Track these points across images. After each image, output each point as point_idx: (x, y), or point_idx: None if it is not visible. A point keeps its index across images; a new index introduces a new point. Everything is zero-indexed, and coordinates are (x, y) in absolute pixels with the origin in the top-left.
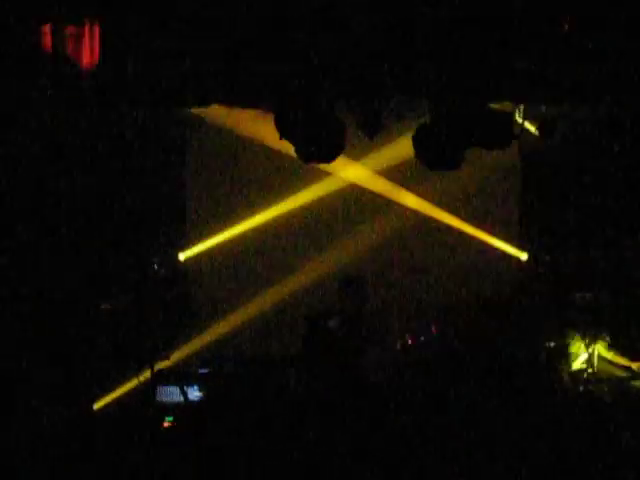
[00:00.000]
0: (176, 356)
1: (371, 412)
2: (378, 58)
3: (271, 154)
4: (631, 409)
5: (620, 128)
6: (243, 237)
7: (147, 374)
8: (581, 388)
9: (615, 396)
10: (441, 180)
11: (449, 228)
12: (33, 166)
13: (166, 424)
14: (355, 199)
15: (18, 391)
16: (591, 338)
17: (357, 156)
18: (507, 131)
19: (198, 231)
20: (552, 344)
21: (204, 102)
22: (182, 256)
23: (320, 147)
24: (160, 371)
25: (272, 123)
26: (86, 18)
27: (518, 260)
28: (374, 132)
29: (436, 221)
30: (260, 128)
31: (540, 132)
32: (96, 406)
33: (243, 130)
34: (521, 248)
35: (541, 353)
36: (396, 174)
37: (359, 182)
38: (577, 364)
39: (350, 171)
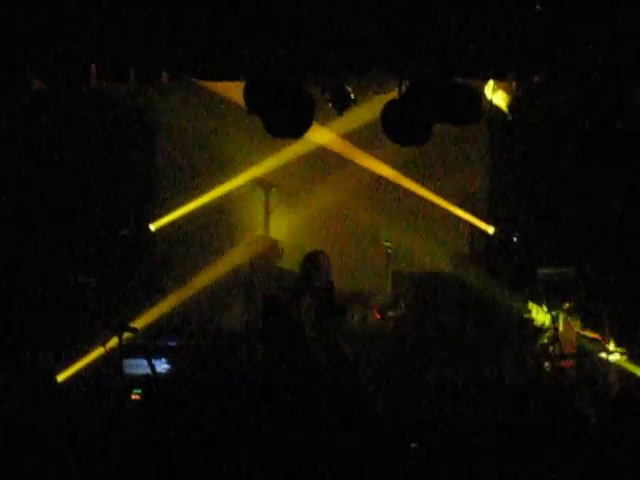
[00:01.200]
0: (144, 321)
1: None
2: (349, 35)
3: (238, 126)
4: (596, 386)
5: (590, 104)
6: (211, 205)
7: (114, 345)
8: (546, 364)
9: (581, 372)
10: (409, 152)
11: (417, 200)
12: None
13: (134, 397)
14: (320, 166)
15: None
16: (556, 311)
17: (324, 123)
18: (476, 107)
19: (167, 202)
20: (517, 319)
21: (175, 74)
22: (152, 227)
23: (289, 122)
24: (127, 343)
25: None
26: None
27: (485, 234)
28: (343, 108)
29: (404, 192)
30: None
31: (509, 108)
32: (60, 378)
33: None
34: (488, 222)
35: (506, 330)
36: (364, 145)
37: (325, 147)
38: (544, 338)
39: (316, 137)
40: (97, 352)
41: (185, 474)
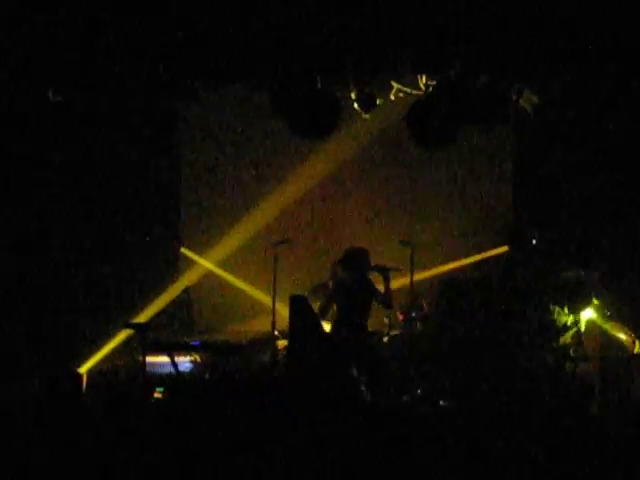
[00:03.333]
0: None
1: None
2: (374, 35)
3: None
4: (619, 390)
5: (616, 107)
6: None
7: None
8: (568, 365)
9: (603, 376)
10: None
11: (440, 202)
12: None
13: (156, 395)
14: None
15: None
16: (579, 310)
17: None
18: (503, 108)
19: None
20: (537, 322)
21: (199, 77)
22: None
23: (314, 123)
24: (150, 342)
25: None
26: None
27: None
28: (370, 107)
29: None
30: None
31: (535, 111)
32: (83, 369)
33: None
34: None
35: (526, 333)
36: (388, 155)
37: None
38: (566, 338)
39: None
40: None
41: (205, 474)
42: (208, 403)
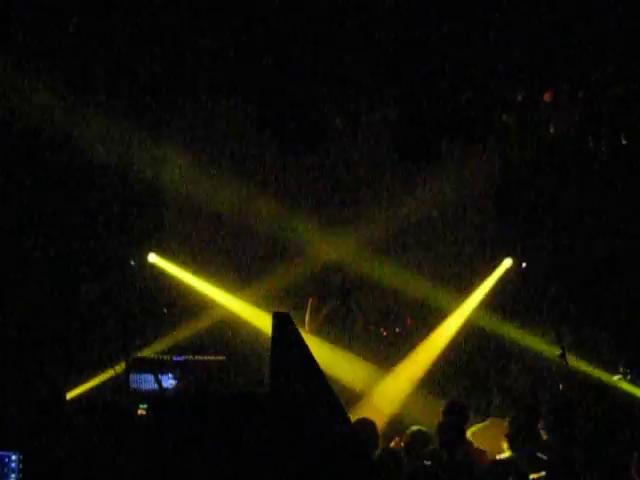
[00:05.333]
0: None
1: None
2: (358, 55)
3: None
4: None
5: (604, 128)
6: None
7: (122, 363)
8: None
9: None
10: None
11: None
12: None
13: (140, 412)
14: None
15: None
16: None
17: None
18: (486, 124)
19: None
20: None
21: (186, 94)
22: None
23: (300, 140)
24: (134, 358)
25: None
26: None
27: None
28: (355, 125)
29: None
30: None
31: (519, 127)
32: (68, 396)
33: None
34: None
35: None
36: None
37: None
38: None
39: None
40: (106, 370)
41: None
42: (191, 420)
